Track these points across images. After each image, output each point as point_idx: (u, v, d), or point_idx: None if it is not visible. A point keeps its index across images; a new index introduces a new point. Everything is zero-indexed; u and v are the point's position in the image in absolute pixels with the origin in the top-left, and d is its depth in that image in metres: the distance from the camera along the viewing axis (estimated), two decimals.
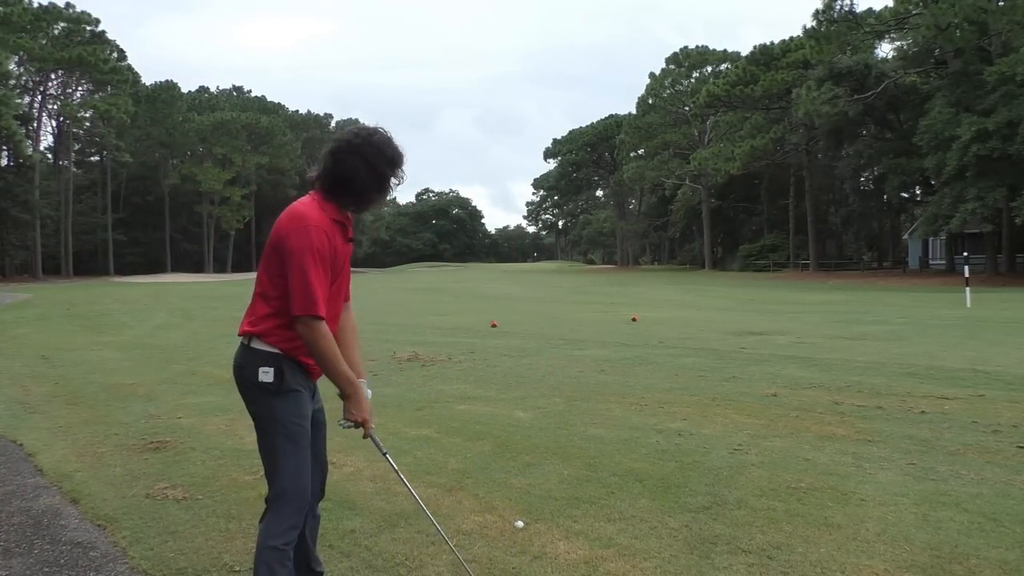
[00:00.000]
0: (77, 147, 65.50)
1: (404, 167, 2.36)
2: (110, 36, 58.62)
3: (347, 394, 2.35)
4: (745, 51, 50.65)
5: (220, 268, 72.13)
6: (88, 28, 56.19)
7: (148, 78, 74.25)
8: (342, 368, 2.29)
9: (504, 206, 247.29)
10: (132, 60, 68.51)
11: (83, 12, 55.85)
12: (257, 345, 2.31)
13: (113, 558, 2.99)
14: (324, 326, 2.24)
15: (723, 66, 57.02)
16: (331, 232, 2.28)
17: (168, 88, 69.46)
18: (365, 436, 2.43)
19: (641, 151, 63.56)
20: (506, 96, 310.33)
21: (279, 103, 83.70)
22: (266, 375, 2.28)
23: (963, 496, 3.52)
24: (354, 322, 2.55)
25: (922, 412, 5.43)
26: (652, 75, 61.61)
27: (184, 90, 73.41)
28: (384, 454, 2.52)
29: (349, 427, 2.43)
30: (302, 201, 2.33)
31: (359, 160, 2.28)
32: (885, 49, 45.68)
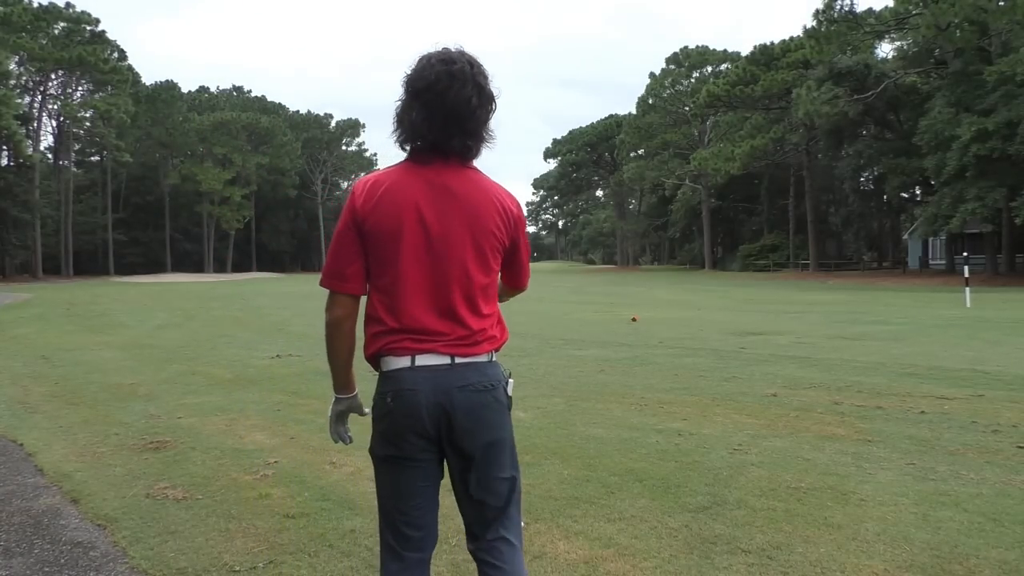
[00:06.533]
0: (77, 147, 65.46)
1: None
2: (110, 36, 58.71)
3: None
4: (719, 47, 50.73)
5: (220, 268, 72.12)
6: (88, 28, 56.17)
7: (148, 78, 74.42)
8: None
9: None
10: (132, 60, 68.61)
11: (83, 12, 55.83)
12: (496, 358, 1.89)
13: (113, 558, 2.99)
14: None
15: (723, 66, 57.07)
16: None
17: (168, 88, 69.44)
18: None
19: (641, 151, 63.62)
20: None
21: (279, 103, 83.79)
22: (511, 387, 1.89)
23: (963, 496, 3.52)
24: None
25: (922, 412, 5.43)
26: (652, 75, 61.68)
27: (184, 90, 73.48)
28: None
29: None
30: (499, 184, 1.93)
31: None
32: (885, 49, 45.75)
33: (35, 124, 56.27)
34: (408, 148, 1.82)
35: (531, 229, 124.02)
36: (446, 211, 1.78)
